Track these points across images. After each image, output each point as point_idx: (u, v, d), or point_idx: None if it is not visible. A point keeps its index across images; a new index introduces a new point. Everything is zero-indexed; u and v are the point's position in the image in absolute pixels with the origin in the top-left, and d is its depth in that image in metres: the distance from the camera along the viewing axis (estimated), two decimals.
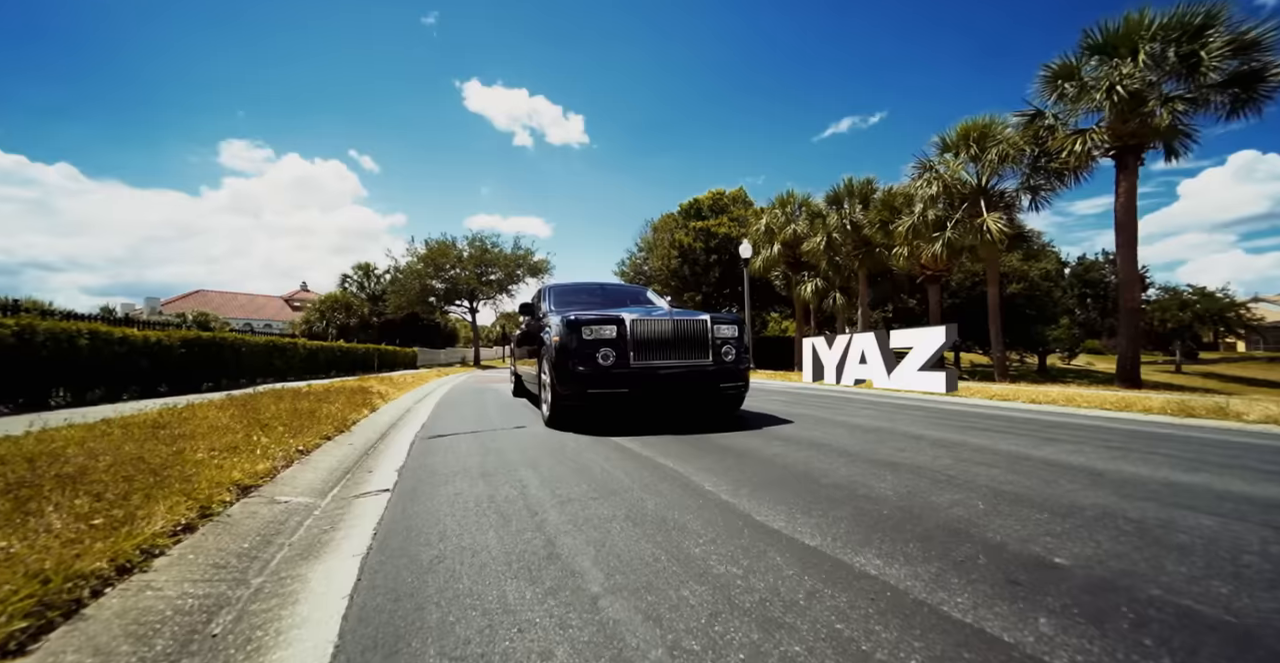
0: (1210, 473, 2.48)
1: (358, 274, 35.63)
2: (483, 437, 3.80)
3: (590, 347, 3.65)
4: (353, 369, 15.63)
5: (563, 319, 3.80)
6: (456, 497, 2.18)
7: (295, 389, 6.07)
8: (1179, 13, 11.20)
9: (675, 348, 3.78)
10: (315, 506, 2.01)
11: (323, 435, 3.27)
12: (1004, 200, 15.97)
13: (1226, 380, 29.59)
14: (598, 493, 2.25)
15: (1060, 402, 6.06)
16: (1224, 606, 1.23)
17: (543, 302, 5.36)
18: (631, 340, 3.69)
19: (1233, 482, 2.32)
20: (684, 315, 3.90)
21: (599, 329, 3.69)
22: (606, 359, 3.61)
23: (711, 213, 34.10)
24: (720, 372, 3.86)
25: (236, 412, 3.83)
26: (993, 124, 15.49)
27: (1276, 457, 2.91)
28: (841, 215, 20.80)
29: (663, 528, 1.79)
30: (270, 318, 39.21)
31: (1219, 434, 3.77)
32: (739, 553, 1.58)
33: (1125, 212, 12.48)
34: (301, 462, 2.67)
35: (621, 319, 3.73)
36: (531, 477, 2.55)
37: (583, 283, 6.12)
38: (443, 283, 26.30)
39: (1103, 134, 12.32)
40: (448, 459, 2.98)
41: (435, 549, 1.60)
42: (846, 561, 1.52)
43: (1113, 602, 1.26)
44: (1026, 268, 29.02)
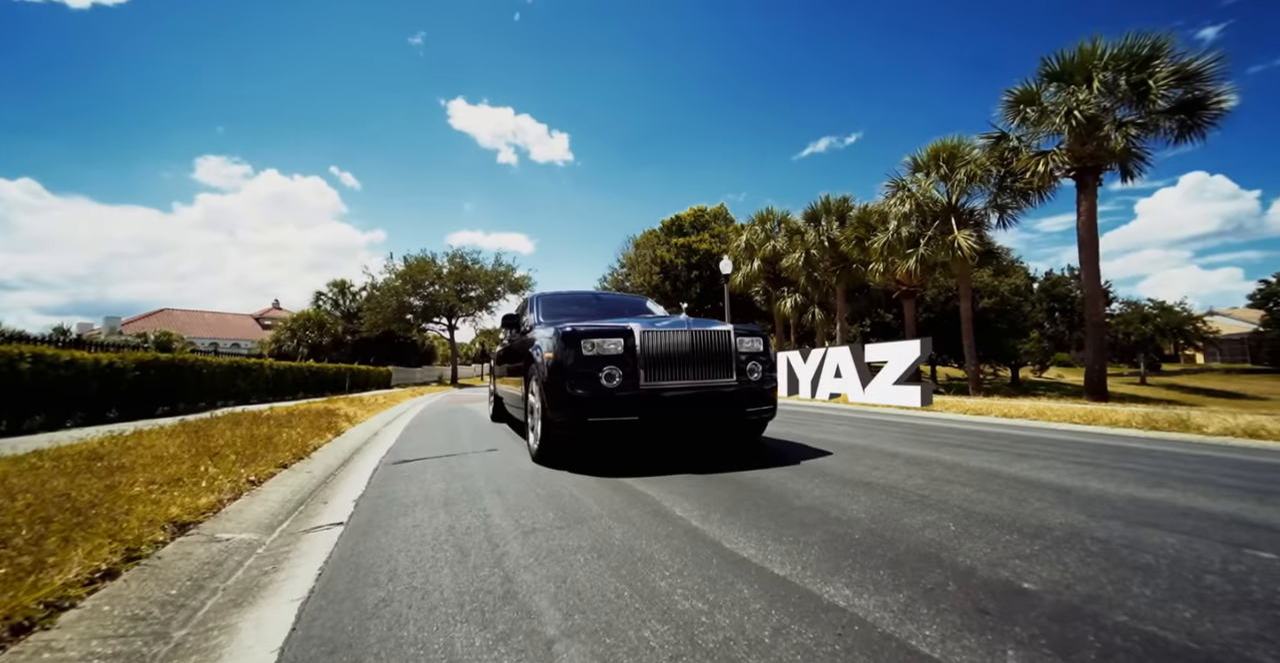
0: (1173, 488, 2.51)
1: (332, 291, 34.88)
2: (451, 461, 3.67)
3: (591, 364, 3.02)
4: (322, 390, 15.14)
5: (557, 331, 3.17)
6: (414, 529, 2.07)
7: (256, 413, 5.82)
8: (1128, 44, 11.92)
9: (693, 365, 3.15)
10: (259, 543, 1.88)
11: (278, 464, 3.11)
12: (973, 218, 16.53)
13: (1188, 391, 30.73)
14: (564, 522, 2.16)
15: (1031, 416, 6.17)
16: (1188, 631, 1.21)
17: (529, 312, 4.70)
18: (642, 356, 3.06)
19: (1195, 497, 2.35)
20: (703, 326, 3.25)
21: (602, 343, 3.05)
22: (611, 380, 2.98)
23: (693, 229, 34.56)
24: (745, 393, 3.25)
25: (187, 439, 3.63)
26: (961, 145, 16.13)
27: (1234, 470, 2.97)
28: (819, 232, 21.27)
29: (629, 560, 1.72)
30: (239, 337, 38.01)
31: (1181, 447, 3.86)
32: (705, 586, 1.51)
33: (1087, 229, 13.01)
34: (252, 493, 2.52)
35: (629, 331, 3.11)
36: (496, 505, 2.45)
37: (575, 292, 5.46)
38: (421, 300, 25.88)
39: (1063, 156, 12.90)
40: (410, 487, 2.85)
41: (383, 591, 1.50)
42: (816, 591, 1.47)
43: (1080, 630, 1.23)
44: (997, 283, 29.93)
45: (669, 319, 3.51)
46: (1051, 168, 13.18)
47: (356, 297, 33.22)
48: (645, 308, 5.25)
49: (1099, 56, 12.17)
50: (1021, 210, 15.57)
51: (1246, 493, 2.41)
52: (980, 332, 23.22)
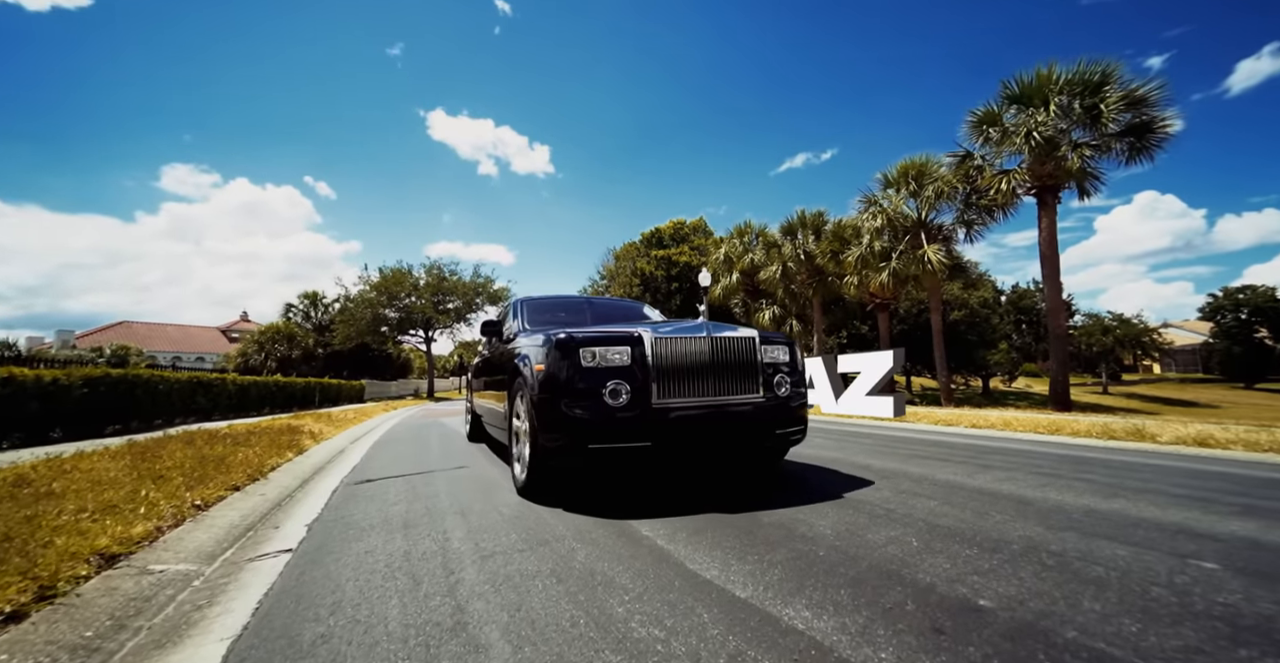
0: (1126, 499, 2.58)
1: (303, 303, 33.93)
2: (416, 480, 3.55)
3: (592, 378, 2.52)
4: (290, 405, 14.61)
5: (550, 339, 2.68)
6: (367, 555, 1.98)
7: (213, 431, 5.57)
8: (1080, 70, 12.59)
9: (713, 378, 2.67)
10: (197, 574, 1.77)
11: (230, 486, 2.96)
12: (942, 233, 17.07)
13: (1146, 400, 32.03)
14: (526, 544, 2.10)
15: (998, 426, 6.32)
16: (1133, 646, 1.22)
17: (513, 318, 4.19)
18: (654, 368, 2.57)
19: (1146, 507, 2.41)
20: (724, 331, 2.79)
21: (605, 353, 2.58)
22: (617, 397, 2.48)
23: (673, 242, 34.86)
24: (775, 410, 2.80)
25: (131, 461, 3.43)
26: (928, 163, 16.71)
27: (1183, 479, 3.08)
28: (795, 246, 21.66)
29: (588, 584, 1.67)
30: (205, 350, 36.61)
31: (1137, 457, 3.99)
32: (664, 611, 1.47)
33: (1048, 245, 13.56)
34: (196, 519, 2.38)
35: (638, 337, 2.64)
36: (458, 526, 2.37)
37: (564, 296, 5.00)
38: (396, 312, 25.37)
39: (1024, 175, 13.47)
40: (369, 509, 2.75)
41: (323, 626, 1.42)
42: (776, 613, 1.45)
43: (1031, 648, 1.23)
44: (967, 296, 30.89)
45: (681, 324, 2.88)
46: (1013, 186, 13.75)
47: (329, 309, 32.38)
48: (643, 314, 4.71)
49: (1055, 81, 12.82)
50: (987, 226, 16.16)
51: (1193, 502, 2.49)
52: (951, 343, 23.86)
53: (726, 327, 2.87)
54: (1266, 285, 37.87)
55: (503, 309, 4.68)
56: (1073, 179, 12.99)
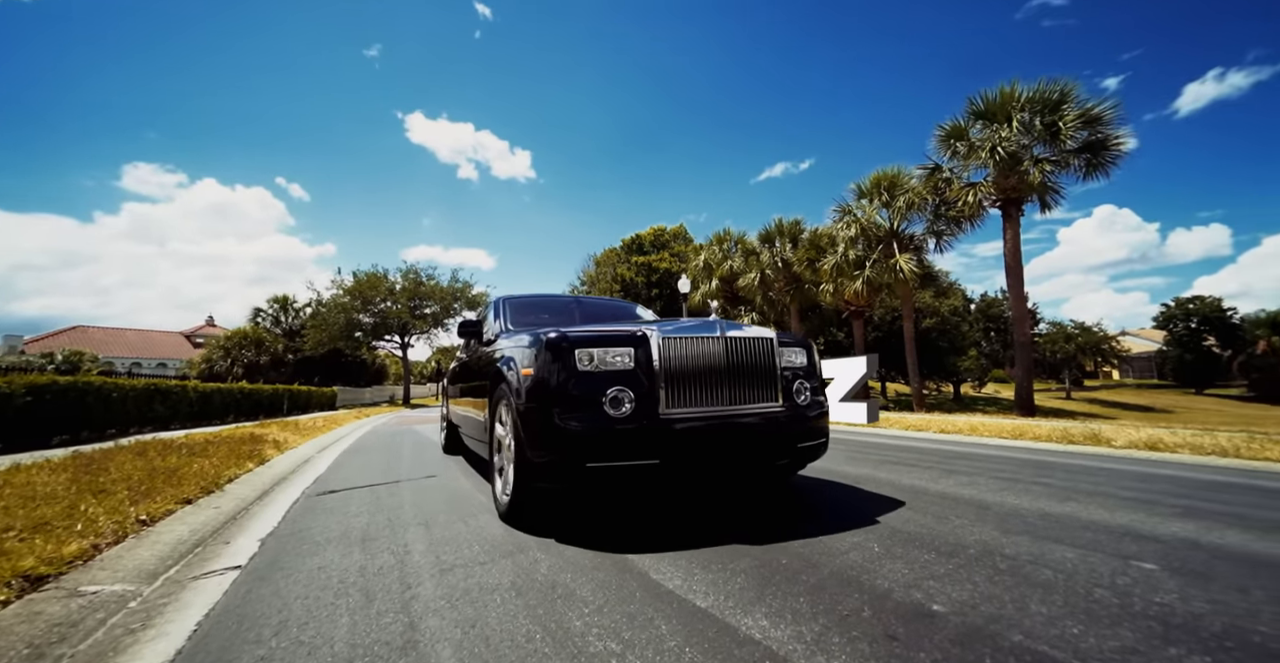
0: (1079, 502, 2.66)
1: (273, 307, 32.86)
2: (382, 491, 3.46)
3: (590, 385, 2.19)
4: (256, 413, 14.09)
5: (540, 339, 2.35)
6: (320, 571, 1.91)
7: (169, 441, 5.33)
8: (1041, 88, 13.17)
9: (729, 385, 2.36)
10: (134, 595, 1.68)
11: (181, 499, 2.83)
12: (913, 243, 17.56)
13: (1106, 405, 33.35)
14: (489, 556, 2.06)
15: (966, 431, 6.49)
16: (1073, 648, 1.25)
17: (495, 318, 3.81)
18: (662, 373, 2.25)
19: (1096, 510, 2.50)
20: (738, 331, 2.47)
21: (605, 355, 2.26)
22: (619, 406, 2.15)
23: (653, 248, 35.04)
24: (796, 421, 2.48)
25: (74, 474, 3.25)
26: (900, 175, 17.20)
27: (1133, 482, 3.20)
28: (773, 253, 22.00)
29: (548, 597, 1.65)
30: (167, 356, 35.11)
31: (1092, 460, 4.14)
32: (623, 623, 1.46)
33: (1013, 256, 14.06)
34: (140, 535, 2.26)
35: (643, 337, 2.33)
36: (420, 539, 2.31)
37: (550, 295, 4.63)
38: (371, 317, 24.79)
39: (989, 188, 13.98)
40: (329, 522, 2.66)
41: (264, 648, 1.36)
42: (734, 623, 1.45)
43: (979, 653, 1.25)
44: (938, 304, 31.78)
45: (689, 322, 2.52)
46: (980, 198, 14.25)
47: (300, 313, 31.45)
48: (635, 315, 4.35)
49: (1017, 99, 13.38)
50: (956, 236, 16.68)
51: (1139, 505, 2.59)
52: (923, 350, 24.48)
53: (738, 325, 2.51)
54: (1214, 296, 39.98)
55: (482, 309, 4.27)
56: (1035, 193, 13.53)
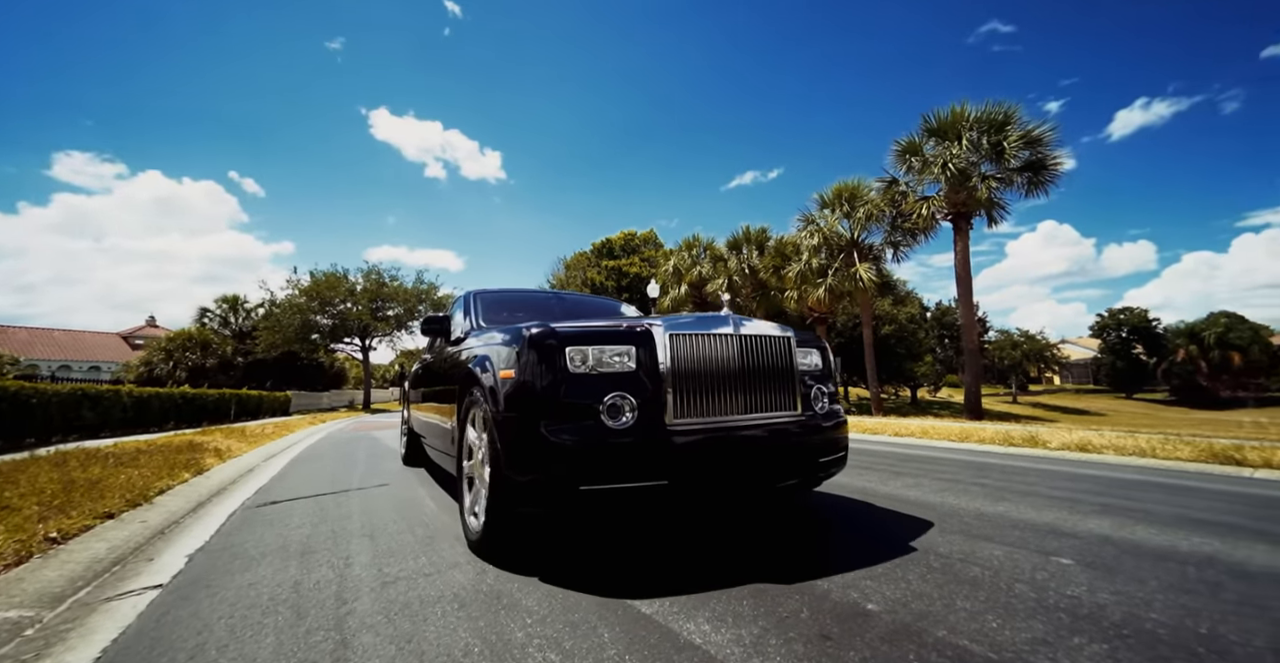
0: (1011, 502, 2.82)
1: (222, 308, 31.06)
2: (328, 501, 3.32)
3: (584, 389, 1.86)
4: (199, 420, 13.27)
5: (522, 334, 1.99)
6: (250, 588, 1.82)
7: (94, 450, 4.96)
8: (987, 109, 13.97)
9: (744, 390, 2.06)
10: (33, 621, 1.55)
11: (101, 514, 2.64)
12: (873, 252, 18.23)
13: (1048, 409, 35.38)
14: (435, 567, 2.01)
15: (918, 434, 6.76)
16: (990, 641, 1.33)
17: (465, 315, 3.39)
18: (670, 375, 1.93)
19: (1026, 510, 2.65)
20: (753, 328, 2.17)
21: (602, 354, 1.93)
22: (619, 415, 1.83)
23: (623, 252, 35.12)
24: (817, 432, 2.18)
25: None
26: (860, 186, 17.86)
27: (1062, 482, 3.41)
28: (741, 260, 22.42)
29: (492, 607, 1.62)
30: (101, 359, 32.72)
31: (1028, 462, 4.39)
32: (565, 633, 1.45)
33: (962, 267, 14.79)
34: (48, 555, 2.10)
35: (646, 333, 2.00)
36: (364, 551, 2.23)
37: (526, 290, 4.23)
38: (330, 318, 23.72)
39: (941, 202, 14.68)
40: (267, 535, 2.53)
41: None
42: (676, 629, 1.46)
43: (904, 649, 1.31)
44: (896, 312, 33.05)
45: (698, 317, 2.15)
46: (933, 211, 14.96)
47: (252, 314, 29.87)
48: (620, 313, 4.03)
49: (966, 118, 14.14)
50: (911, 247, 17.41)
51: (1064, 504, 2.76)
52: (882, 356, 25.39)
53: (751, 320, 2.21)
54: (1141, 308, 43.20)
55: (454, 304, 3.85)
56: (982, 207, 14.29)
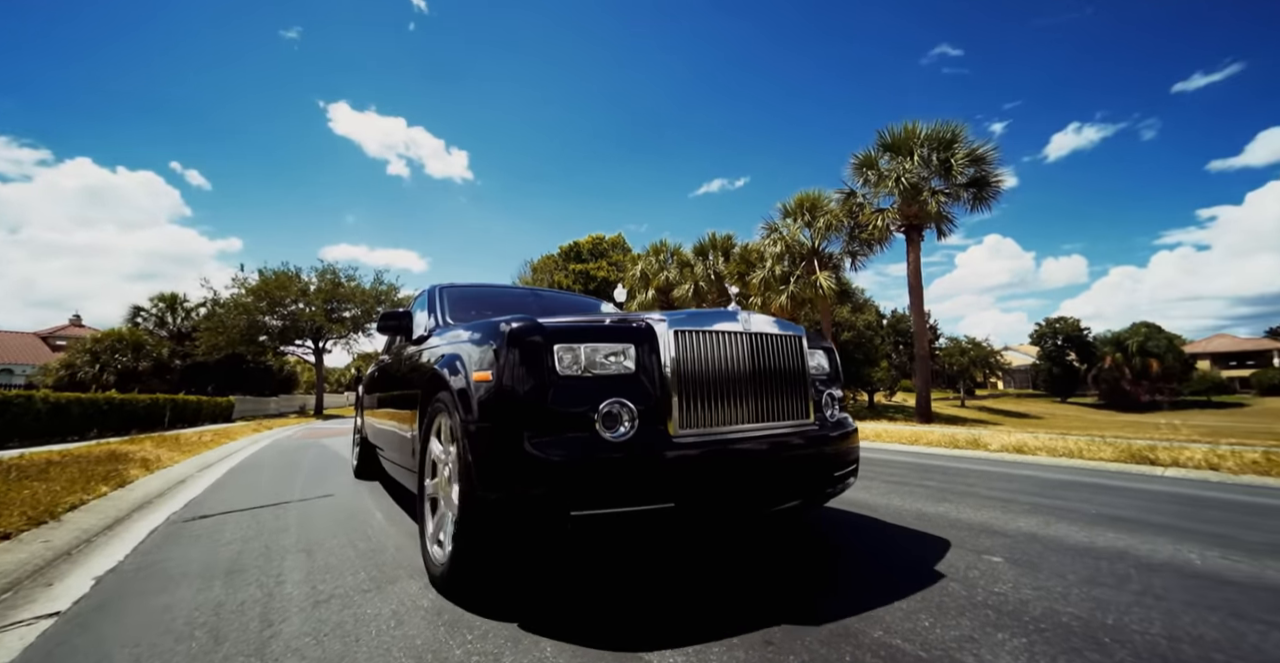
0: (951, 502, 2.95)
1: (158, 307, 28.92)
2: (266, 514, 3.13)
3: (576, 394, 1.61)
4: (128, 427, 12.28)
5: (500, 329, 1.71)
6: (164, 612, 1.69)
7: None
8: (937, 128, 14.74)
9: (756, 394, 1.85)
10: None
11: None
12: (832, 261, 18.86)
13: (993, 412, 37.44)
14: (377, 581, 1.92)
15: (871, 437, 7.01)
16: (921, 640, 1.37)
17: (428, 312, 3.02)
18: (676, 378, 1.69)
19: (964, 509, 2.78)
20: (765, 325, 1.96)
21: (595, 353, 1.68)
22: (616, 425, 1.59)
23: (591, 256, 35.01)
24: (830, 442, 1.99)
25: None
26: (820, 197, 18.46)
27: (999, 482, 3.60)
28: (707, 266, 22.74)
29: (434, 623, 1.56)
30: (15, 361, 29.86)
31: (970, 464, 4.61)
32: (506, 648, 1.41)
33: (914, 276, 15.49)
34: None
35: (648, 330, 1.76)
36: (298, 567, 2.11)
37: (498, 286, 3.92)
38: (280, 319, 22.43)
39: (895, 214, 15.36)
40: (190, 552, 2.36)
41: None
42: None
43: (842, 651, 1.34)
44: (854, 319, 34.30)
45: (704, 313, 1.89)
46: (887, 223, 15.63)
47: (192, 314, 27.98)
48: (599, 313, 3.70)
49: (918, 135, 14.88)
50: (868, 257, 18.12)
51: (999, 503, 2.91)
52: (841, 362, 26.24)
53: (756, 315, 1.97)
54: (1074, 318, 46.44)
55: (416, 299, 3.49)
56: (932, 220, 15.04)
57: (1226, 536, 2.22)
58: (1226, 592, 1.64)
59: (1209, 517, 2.57)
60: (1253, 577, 1.76)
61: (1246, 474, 3.66)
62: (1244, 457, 4.00)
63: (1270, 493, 3.18)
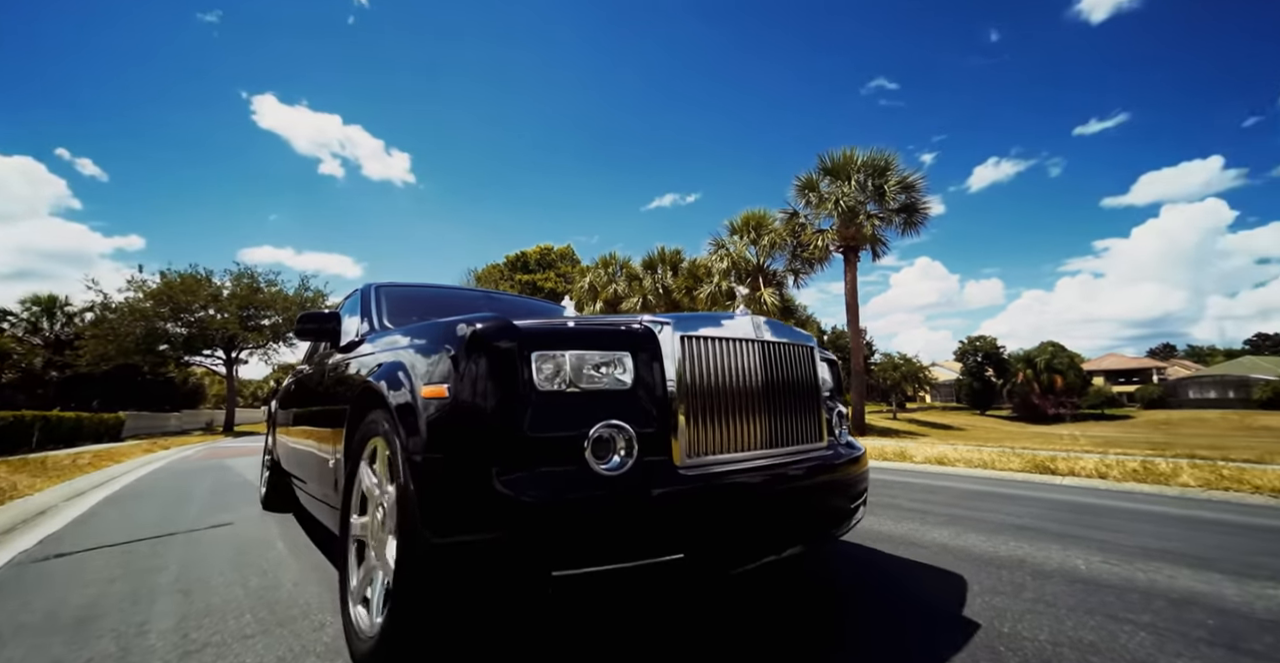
0: (873, 515, 3.06)
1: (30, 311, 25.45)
2: (142, 548, 2.76)
3: (558, 414, 1.28)
4: None
5: (458, 331, 1.37)
6: None
7: None
8: (872, 155, 15.84)
9: (769, 413, 1.59)
10: None
11: None
12: (776, 278, 19.62)
13: (921, 424, 39.96)
14: (265, 623, 1.70)
15: None
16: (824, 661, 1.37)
17: (361, 316, 2.57)
18: (684, 394, 1.41)
19: (885, 522, 2.89)
20: (775, 332, 1.70)
21: (583, 362, 1.34)
22: (608, 453, 1.28)
23: (539, 267, 34.56)
24: (844, 469, 1.72)
25: None
26: (765, 216, 19.23)
27: (920, 494, 3.79)
28: (655, 280, 23.00)
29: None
30: None
31: (894, 475, 4.84)
32: None
33: (851, 295, 16.40)
34: None
35: (648, 335, 1.45)
36: (169, 612, 1.84)
37: (445, 287, 3.49)
38: (185, 327, 20.29)
39: (834, 235, 16.25)
40: (34, 600, 2.02)
41: None
42: None
43: None
44: None
45: (709, 316, 1.62)
46: (827, 243, 16.50)
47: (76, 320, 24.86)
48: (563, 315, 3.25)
49: (855, 162, 15.92)
50: (809, 275, 19.00)
51: (917, 515, 3.05)
52: None
53: (766, 321, 1.71)
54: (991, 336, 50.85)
55: (347, 300, 3.05)
56: (868, 242, 16.04)
57: (1107, 541, 2.42)
58: (1104, 595, 1.77)
59: (1094, 523, 2.80)
60: (1125, 580, 1.91)
61: (1128, 482, 4.06)
62: (1126, 466, 4.44)
63: (1145, 499, 3.54)
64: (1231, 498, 3.44)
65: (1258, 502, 3.33)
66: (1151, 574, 1.96)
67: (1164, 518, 2.91)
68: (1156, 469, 4.23)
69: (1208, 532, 2.60)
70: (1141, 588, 1.83)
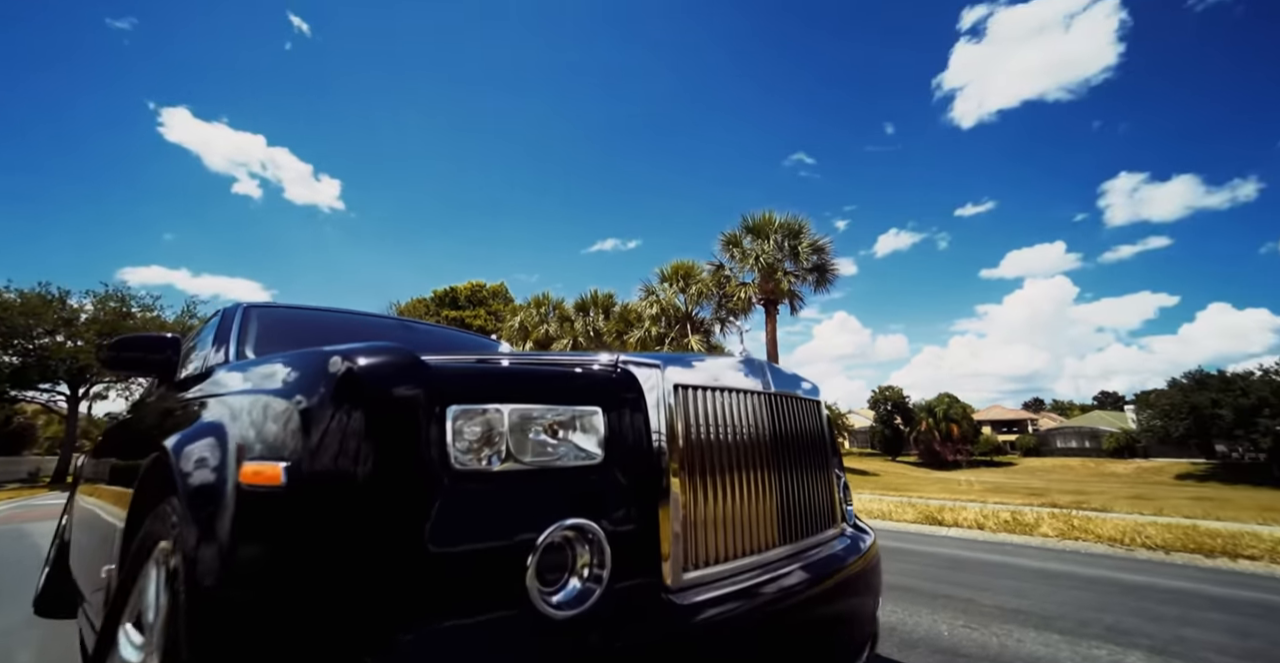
0: None
1: None
2: None
3: (487, 510, 0.76)
4: None
5: (328, 365, 0.80)
6: None
7: None
8: (788, 219, 17.22)
9: (781, 492, 1.15)
10: None
11: None
12: (704, 326, 20.26)
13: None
14: None
15: None
16: None
17: (218, 342, 1.81)
18: (683, 470, 0.94)
19: None
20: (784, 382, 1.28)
21: (529, 425, 0.82)
22: (566, 579, 0.77)
23: (469, 303, 33.44)
24: (867, 559, 1.32)
25: None
26: (693, 267, 20.06)
27: None
28: (587, 323, 22.93)
29: None
30: None
31: None
32: None
33: (771, 345, 17.22)
34: None
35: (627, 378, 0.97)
36: None
37: (349, 311, 2.66)
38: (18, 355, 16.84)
39: (755, 289, 17.19)
40: None
41: None
42: None
43: None
44: None
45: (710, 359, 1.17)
46: (749, 296, 17.39)
47: None
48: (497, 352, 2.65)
49: (774, 223, 17.20)
50: (734, 324, 19.84)
51: None
52: None
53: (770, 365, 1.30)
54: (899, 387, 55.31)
55: (204, 325, 2.28)
56: (785, 297, 17.10)
57: (972, 601, 2.47)
58: None
59: (965, 580, 2.87)
60: (980, 647, 1.92)
61: (1001, 533, 4.31)
62: (999, 517, 4.74)
63: (1013, 550, 3.74)
64: (1080, 548, 3.72)
65: (1099, 551, 3.62)
66: (1003, 638, 1.99)
67: (1023, 572, 3.06)
68: (1024, 520, 4.54)
69: (1057, 585, 2.74)
70: (993, 655, 1.83)
